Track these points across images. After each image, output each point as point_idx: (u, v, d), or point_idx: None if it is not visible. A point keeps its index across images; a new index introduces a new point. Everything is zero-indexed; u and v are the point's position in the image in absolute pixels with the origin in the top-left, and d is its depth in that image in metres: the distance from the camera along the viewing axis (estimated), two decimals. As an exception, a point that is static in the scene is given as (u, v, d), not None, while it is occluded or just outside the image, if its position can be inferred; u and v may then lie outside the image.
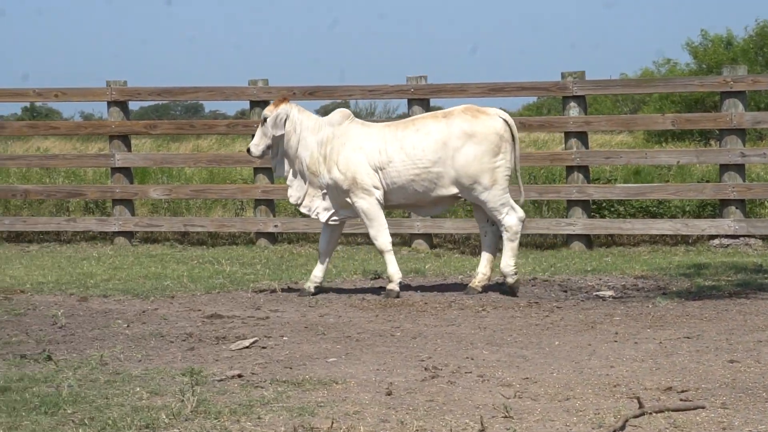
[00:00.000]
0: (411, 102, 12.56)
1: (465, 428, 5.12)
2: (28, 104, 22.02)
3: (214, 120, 17.25)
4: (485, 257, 9.19)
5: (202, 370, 6.28)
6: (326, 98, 14.47)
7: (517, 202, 9.18)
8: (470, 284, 9.21)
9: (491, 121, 8.98)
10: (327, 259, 9.27)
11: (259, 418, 5.32)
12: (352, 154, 9.00)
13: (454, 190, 9.00)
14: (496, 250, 9.20)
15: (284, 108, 9.16)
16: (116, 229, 13.11)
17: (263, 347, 7.06)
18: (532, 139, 18.71)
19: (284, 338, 7.37)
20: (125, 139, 13.34)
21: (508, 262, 9.00)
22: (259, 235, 13.04)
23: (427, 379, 6.11)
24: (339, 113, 9.21)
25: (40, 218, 13.52)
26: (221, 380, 6.10)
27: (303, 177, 9.21)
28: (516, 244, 9.00)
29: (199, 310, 8.48)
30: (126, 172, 13.33)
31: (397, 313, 8.31)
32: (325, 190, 9.14)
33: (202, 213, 14.28)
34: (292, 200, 9.36)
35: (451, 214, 13.08)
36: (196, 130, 14.72)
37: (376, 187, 8.97)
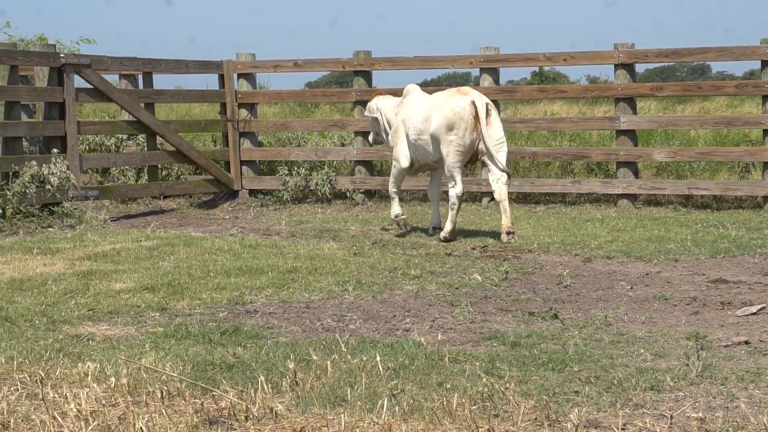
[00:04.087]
0: None
1: None
2: (537, 69, 22.55)
3: (721, 81, 16.77)
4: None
5: (706, 335, 6.21)
6: None
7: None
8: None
9: (456, 100, 10.11)
10: (436, 206, 11.02)
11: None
12: (398, 125, 10.75)
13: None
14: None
15: (370, 104, 11.29)
16: (620, 192, 13.20)
17: (771, 315, 6.86)
18: None
19: (794, 307, 7.10)
20: (631, 101, 13.38)
21: (446, 227, 10.33)
22: (767, 198, 12.61)
23: None
24: (407, 88, 10.96)
25: (546, 180, 13.88)
26: (727, 346, 6.01)
27: None
28: (454, 212, 10.29)
29: (704, 275, 8.37)
30: (631, 134, 13.37)
31: None
32: None
33: (707, 176, 14.01)
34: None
35: None
36: (703, 91, 14.38)
37: (405, 156, 10.62)
